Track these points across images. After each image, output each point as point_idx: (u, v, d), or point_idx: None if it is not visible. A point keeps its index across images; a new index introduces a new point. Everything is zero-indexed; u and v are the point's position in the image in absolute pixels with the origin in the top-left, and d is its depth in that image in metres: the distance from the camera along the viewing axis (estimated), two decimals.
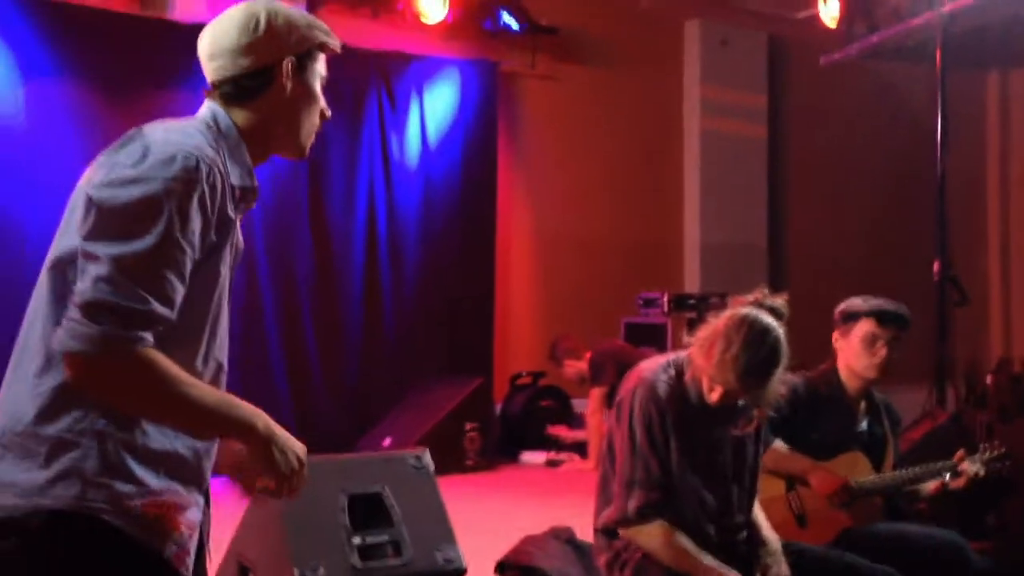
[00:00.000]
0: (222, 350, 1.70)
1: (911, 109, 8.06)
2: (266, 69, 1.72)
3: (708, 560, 2.68)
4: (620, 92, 8.16)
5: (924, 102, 6.59)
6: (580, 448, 6.58)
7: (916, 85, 7.66)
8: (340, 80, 1.85)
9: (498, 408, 7.03)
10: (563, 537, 3.51)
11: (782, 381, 2.64)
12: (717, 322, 2.64)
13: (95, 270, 1.47)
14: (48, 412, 1.53)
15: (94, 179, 1.56)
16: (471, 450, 6.30)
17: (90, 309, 1.45)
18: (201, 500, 1.67)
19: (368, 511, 2.95)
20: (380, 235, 7.02)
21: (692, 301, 7.27)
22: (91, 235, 1.50)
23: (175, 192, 1.51)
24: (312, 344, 6.63)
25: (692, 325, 3.27)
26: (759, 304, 2.65)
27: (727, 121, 8.49)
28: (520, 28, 7.33)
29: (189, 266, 1.53)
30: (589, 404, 6.31)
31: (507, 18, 7.28)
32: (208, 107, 1.74)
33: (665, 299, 7.25)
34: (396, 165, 7.09)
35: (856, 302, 3.46)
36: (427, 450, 3.21)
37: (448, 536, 3.02)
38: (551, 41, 7.64)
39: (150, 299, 1.47)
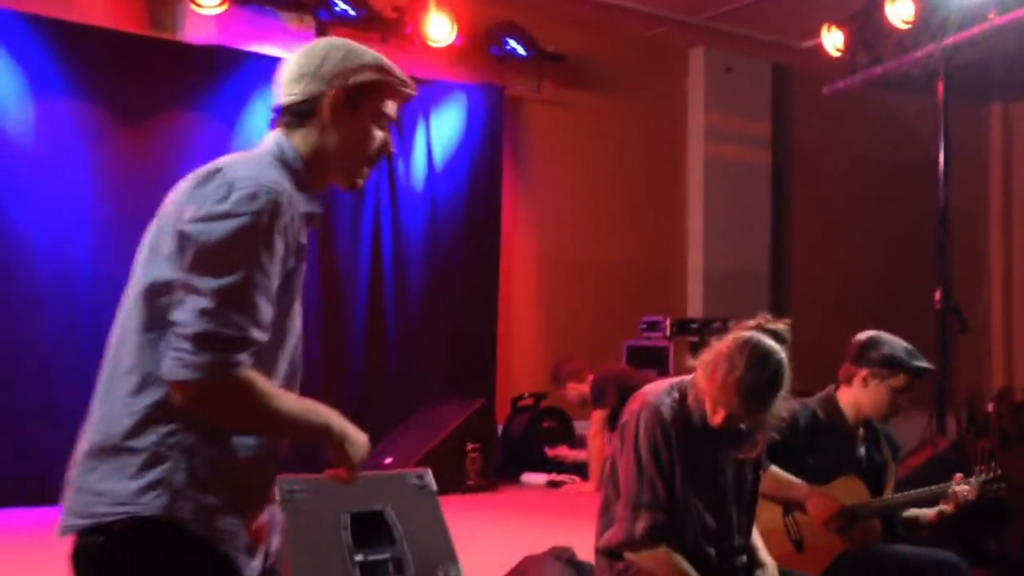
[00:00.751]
0: (297, 361, 1.87)
1: (914, 139, 8.12)
2: (313, 99, 1.84)
3: None
4: (625, 118, 8.22)
5: (927, 133, 6.64)
6: (581, 468, 6.59)
7: (919, 116, 7.72)
8: None
9: (500, 429, 7.04)
10: (564, 557, 3.52)
11: (784, 405, 2.66)
12: (720, 345, 2.67)
13: (198, 303, 1.62)
14: (141, 428, 1.67)
15: (184, 215, 1.69)
16: (472, 470, 6.30)
17: (198, 340, 1.60)
18: (267, 513, 1.84)
19: (370, 529, 2.97)
20: (385, 256, 7.06)
21: (694, 325, 7.31)
22: (190, 269, 1.64)
23: (261, 225, 1.65)
24: (316, 364, 6.65)
25: (694, 349, 3.29)
26: (762, 328, 2.68)
27: (731, 148, 8.55)
28: (527, 54, 7.40)
29: (274, 291, 1.69)
30: (591, 426, 6.32)
31: (514, 44, 7.35)
32: (274, 137, 1.87)
33: (667, 323, 7.28)
34: (402, 187, 7.14)
35: (897, 350, 3.34)
36: (429, 469, 3.24)
37: (450, 555, 3.04)
38: (557, 67, 7.71)
39: (248, 326, 1.63)
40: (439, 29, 6.84)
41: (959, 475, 3.42)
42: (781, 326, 2.70)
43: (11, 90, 5.81)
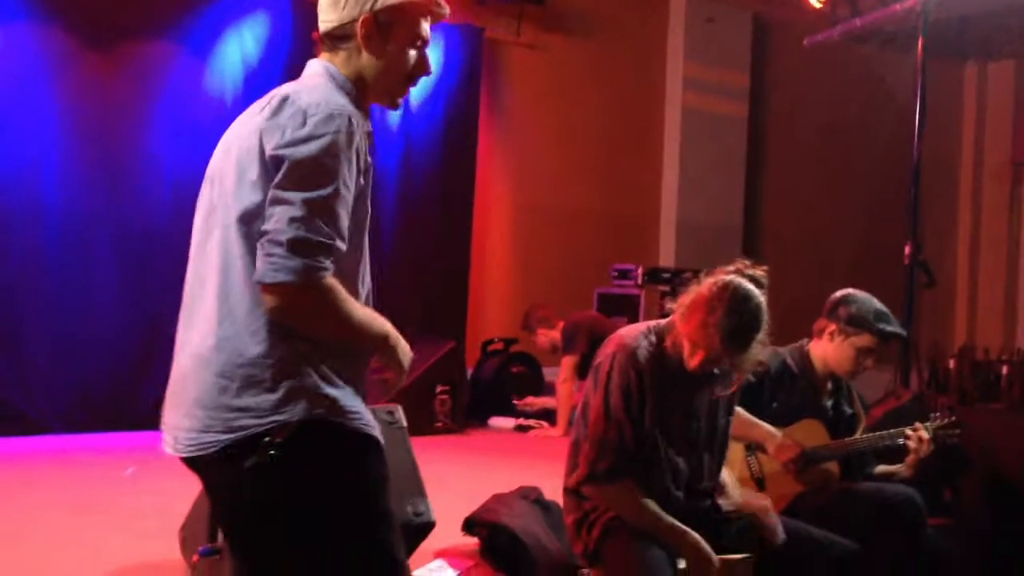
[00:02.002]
0: (367, 274, 2.00)
1: (891, 94, 8.13)
2: (346, 24, 1.93)
3: (670, 520, 2.74)
4: (604, 65, 8.17)
5: (904, 88, 6.64)
6: (549, 415, 6.65)
7: (897, 71, 7.72)
8: None
9: (469, 372, 7.08)
10: (531, 497, 3.56)
11: (761, 348, 2.69)
12: (700, 288, 2.69)
13: (290, 212, 1.74)
14: (266, 342, 1.80)
15: (268, 143, 1.80)
16: (441, 412, 6.35)
17: (291, 245, 1.72)
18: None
19: None
20: None
21: (666, 275, 7.34)
22: (282, 184, 1.76)
23: (340, 144, 1.78)
24: None
25: (666, 297, 3.31)
26: (740, 273, 2.70)
27: (709, 99, 8.53)
28: None
29: (351, 205, 1.82)
30: (560, 372, 6.37)
31: None
32: (321, 64, 1.96)
33: (639, 271, 7.31)
34: (376, 126, 7.00)
35: (865, 310, 3.37)
36: (400, 406, 3.25)
37: (419, 490, 3.06)
38: (538, 11, 7.63)
39: (334, 235, 1.76)
40: None
41: (917, 424, 3.49)
42: (759, 272, 2.72)
43: None
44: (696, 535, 2.73)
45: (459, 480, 4.70)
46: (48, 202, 5.86)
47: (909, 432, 3.43)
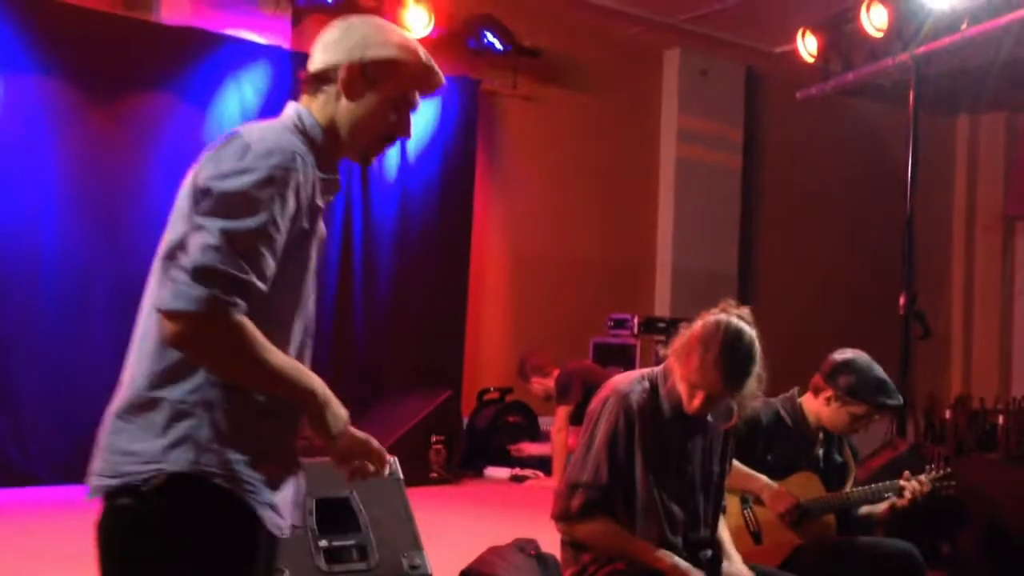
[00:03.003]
0: (310, 324, 1.88)
1: (883, 147, 8.22)
2: (332, 68, 1.86)
3: (649, 545, 2.74)
4: (599, 116, 8.25)
5: (896, 142, 6.73)
6: (544, 463, 6.62)
7: (889, 124, 7.82)
8: None
9: (465, 422, 7.05)
10: (527, 549, 3.54)
11: (759, 381, 2.71)
12: (691, 331, 2.72)
13: (205, 239, 1.62)
14: (164, 384, 1.69)
15: (202, 174, 1.71)
16: (436, 462, 6.31)
17: (198, 272, 1.60)
18: (291, 477, 1.82)
19: (335, 515, 2.97)
20: (355, 245, 7.04)
21: (662, 324, 7.35)
22: (204, 213, 1.65)
23: (275, 180, 1.68)
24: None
25: (659, 346, 3.33)
26: (727, 312, 2.73)
27: (703, 150, 8.61)
28: (503, 48, 7.41)
29: (281, 247, 1.70)
30: (555, 422, 6.34)
31: (491, 38, 7.36)
32: (293, 106, 1.89)
33: (635, 321, 7.33)
34: (374, 176, 7.12)
35: (865, 381, 3.36)
36: (396, 458, 3.24)
37: (415, 543, 3.05)
38: (533, 63, 7.73)
39: (251, 271, 1.63)
40: (416, 20, 6.84)
41: (907, 472, 3.49)
42: (744, 312, 2.75)
43: None
44: (679, 559, 2.73)
45: (455, 532, 4.67)
46: (47, 255, 5.87)
47: (904, 484, 3.43)
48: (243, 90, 6.54)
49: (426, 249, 7.27)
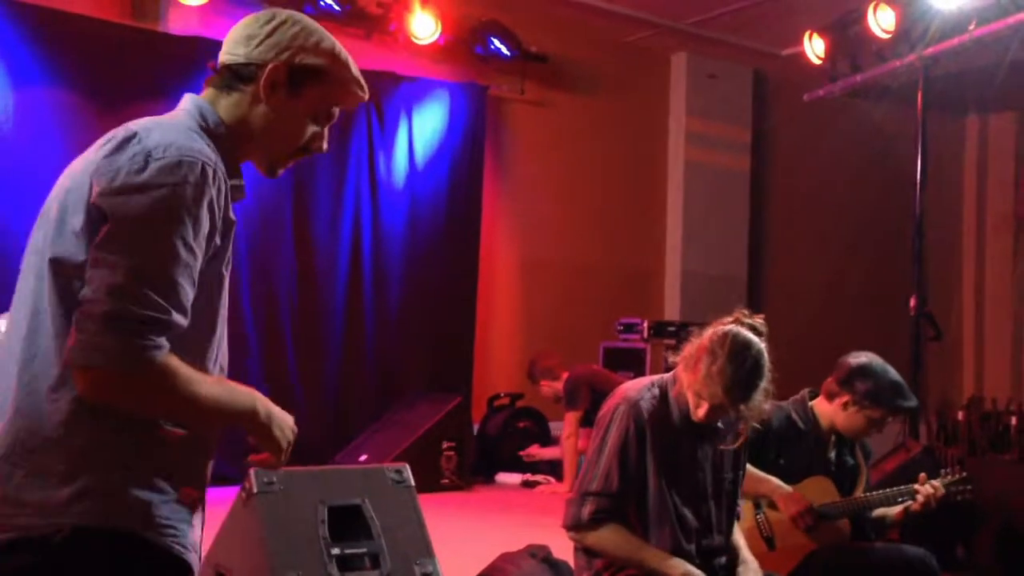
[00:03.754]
0: (224, 351, 1.69)
1: (892, 148, 8.20)
2: (255, 65, 1.68)
3: (661, 552, 2.74)
4: (607, 121, 8.25)
5: (904, 143, 6.71)
6: (555, 468, 6.61)
7: (897, 125, 7.80)
8: None
9: (476, 428, 7.05)
10: (539, 555, 3.53)
11: (765, 397, 2.70)
12: (701, 339, 2.72)
13: (110, 279, 1.43)
14: (66, 426, 1.48)
15: (97, 186, 1.51)
16: (447, 469, 6.31)
17: (108, 321, 1.41)
18: (202, 503, 1.68)
19: (347, 523, 2.96)
20: (364, 253, 7.06)
21: (672, 328, 7.34)
22: (103, 244, 1.46)
23: (184, 199, 1.48)
24: (292, 360, 6.63)
25: (669, 351, 3.32)
26: (739, 323, 2.73)
27: (711, 153, 8.60)
28: (510, 54, 7.42)
29: (198, 271, 1.51)
30: (564, 428, 6.34)
31: (498, 44, 7.37)
32: (193, 100, 1.71)
33: (645, 325, 7.32)
34: (383, 184, 7.14)
35: (882, 386, 3.36)
36: (407, 465, 3.24)
37: (427, 550, 3.04)
38: (541, 68, 7.73)
39: (168, 307, 1.45)
40: (423, 27, 6.84)
41: (923, 475, 3.47)
42: (758, 321, 2.75)
43: None
44: (690, 566, 2.72)
45: (466, 538, 4.66)
46: None
47: (918, 488, 3.41)
48: None
49: (435, 255, 7.28)
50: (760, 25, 7.87)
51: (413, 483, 3.16)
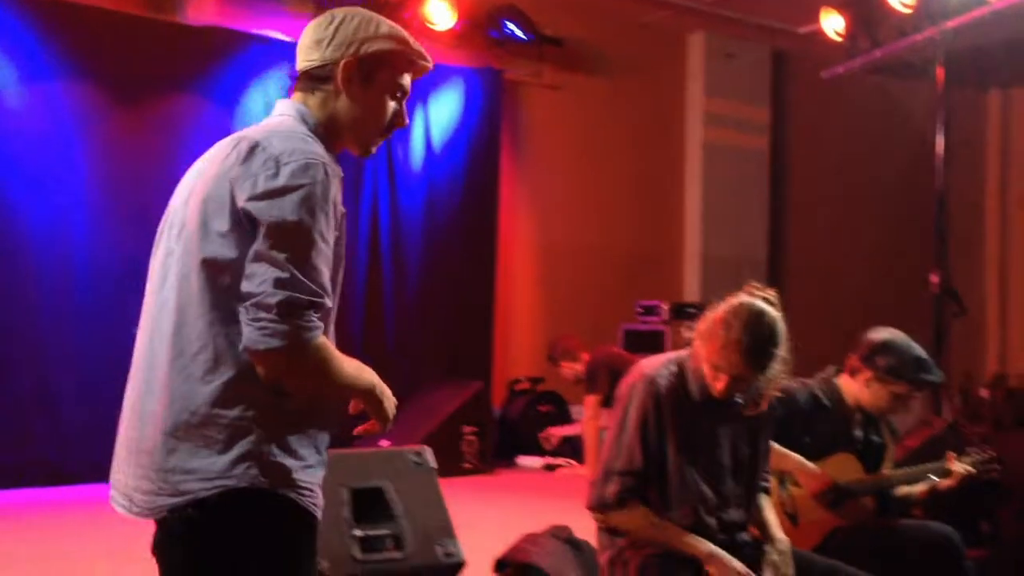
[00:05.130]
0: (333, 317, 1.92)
1: (913, 124, 8.13)
2: (329, 65, 1.87)
3: (687, 534, 2.73)
4: (624, 103, 8.22)
5: (925, 118, 6.65)
6: (576, 451, 6.62)
7: (918, 101, 7.72)
8: None
9: (497, 413, 7.07)
10: (562, 536, 3.54)
11: (783, 364, 2.69)
12: (715, 313, 2.72)
13: (274, 273, 1.66)
14: (222, 404, 1.72)
15: (240, 192, 1.72)
16: (469, 453, 6.33)
17: (280, 308, 1.65)
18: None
19: (370, 505, 2.99)
20: (383, 238, 7.07)
21: (692, 310, 7.31)
22: (264, 244, 1.68)
23: (316, 196, 1.71)
24: None
25: (684, 328, 3.31)
26: (752, 295, 2.73)
27: (730, 133, 8.55)
28: (526, 38, 7.39)
29: (331, 255, 1.75)
30: (585, 411, 6.34)
31: (513, 28, 7.34)
32: (292, 106, 1.89)
33: (665, 307, 7.30)
34: (400, 169, 7.15)
35: (905, 360, 3.31)
36: (429, 448, 3.26)
37: (448, 531, 3.06)
38: (556, 51, 7.70)
39: (320, 291, 1.69)
40: (439, 13, 6.84)
41: (951, 453, 3.45)
42: (770, 293, 2.74)
43: (9, 70, 5.79)
44: (714, 546, 2.72)
45: (488, 520, 4.68)
46: (79, 257, 5.94)
47: (951, 467, 3.39)
48: (268, 89, 6.58)
49: (453, 240, 7.29)
50: (777, 2, 7.81)
51: (434, 465, 3.18)
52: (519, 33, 7.36)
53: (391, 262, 7.08)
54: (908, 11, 6.35)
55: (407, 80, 1.94)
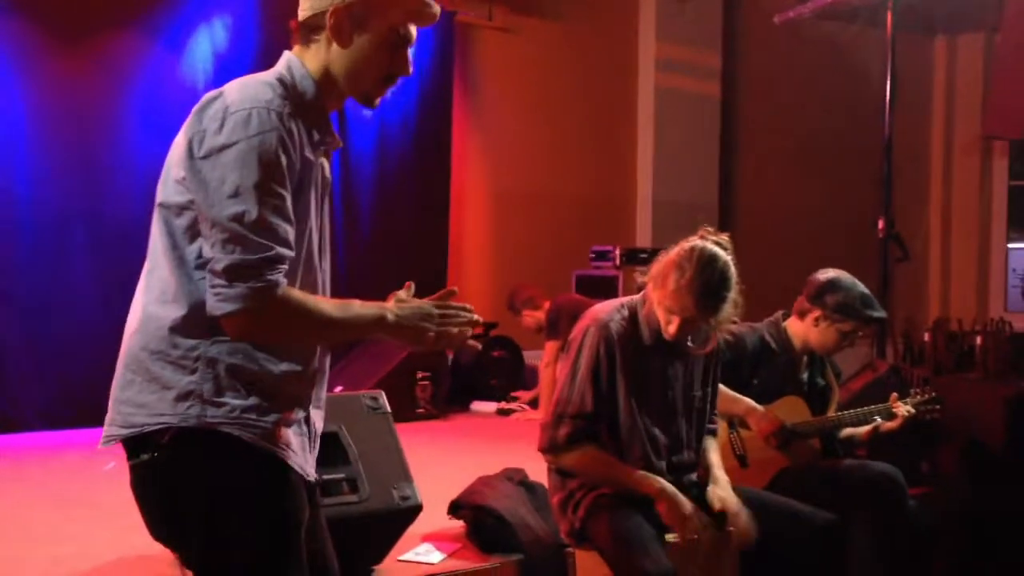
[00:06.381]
0: (323, 276, 1.93)
1: (861, 71, 8.18)
2: (319, 14, 1.84)
3: (638, 471, 2.79)
4: (576, 47, 8.16)
5: (873, 64, 6.69)
6: (533, 401, 6.67)
7: (867, 47, 7.77)
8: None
9: (450, 358, 7.08)
10: (516, 478, 3.59)
11: (734, 307, 2.74)
12: (668, 256, 2.75)
13: (220, 235, 1.67)
14: (170, 343, 1.75)
15: (194, 149, 1.72)
16: (422, 399, 6.36)
17: (229, 272, 1.67)
18: (303, 415, 1.89)
19: (325, 449, 2.97)
20: (334, 182, 6.98)
21: (644, 255, 7.36)
22: (207, 206, 1.69)
23: (259, 147, 1.68)
24: None
25: (636, 272, 3.33)
26: (704, 239, 2.76)
27: (682, 78, 8.54)
28: None
29: (289, 206, 1.73)
30: (544, 356, 6.37)
31: None
32: (286, 57, 1.88)
33: (617, 252, 7.33)
34: (350, 112, 7.04)
35: (852, 297, 3.40)
36: (383, 392, 3.26)
37: (404, 474, 3.08)
38: None
39: (274, 244, 1.68)
40: None
41: (894, 395, 3.55)
42: (723, 238, 2.78)
43: None
44: (665, 482, 2.77)
45: (443, 464, 4.72)
46: (20, 199, 5.80)
47: (894, 408, 3.48)
48: (214, 29, 6.42)
49: (405, 186, 7.23)
50: None
51: (389, 410, 3.19)
52: None
53: (342, 205, 7.01)
54: None
55: (407, 28, 1.89)
